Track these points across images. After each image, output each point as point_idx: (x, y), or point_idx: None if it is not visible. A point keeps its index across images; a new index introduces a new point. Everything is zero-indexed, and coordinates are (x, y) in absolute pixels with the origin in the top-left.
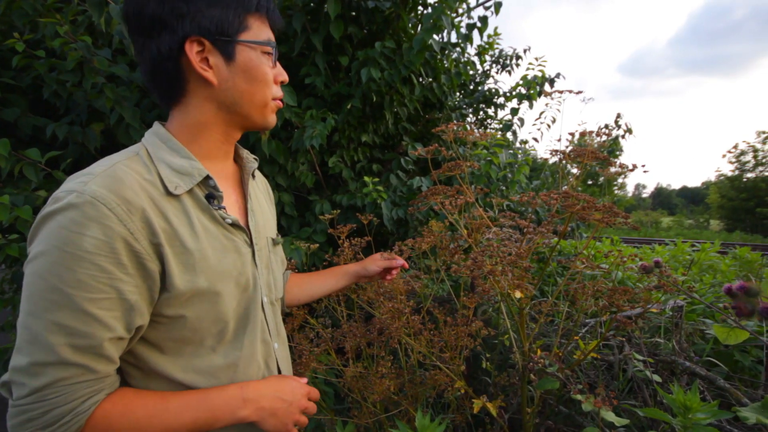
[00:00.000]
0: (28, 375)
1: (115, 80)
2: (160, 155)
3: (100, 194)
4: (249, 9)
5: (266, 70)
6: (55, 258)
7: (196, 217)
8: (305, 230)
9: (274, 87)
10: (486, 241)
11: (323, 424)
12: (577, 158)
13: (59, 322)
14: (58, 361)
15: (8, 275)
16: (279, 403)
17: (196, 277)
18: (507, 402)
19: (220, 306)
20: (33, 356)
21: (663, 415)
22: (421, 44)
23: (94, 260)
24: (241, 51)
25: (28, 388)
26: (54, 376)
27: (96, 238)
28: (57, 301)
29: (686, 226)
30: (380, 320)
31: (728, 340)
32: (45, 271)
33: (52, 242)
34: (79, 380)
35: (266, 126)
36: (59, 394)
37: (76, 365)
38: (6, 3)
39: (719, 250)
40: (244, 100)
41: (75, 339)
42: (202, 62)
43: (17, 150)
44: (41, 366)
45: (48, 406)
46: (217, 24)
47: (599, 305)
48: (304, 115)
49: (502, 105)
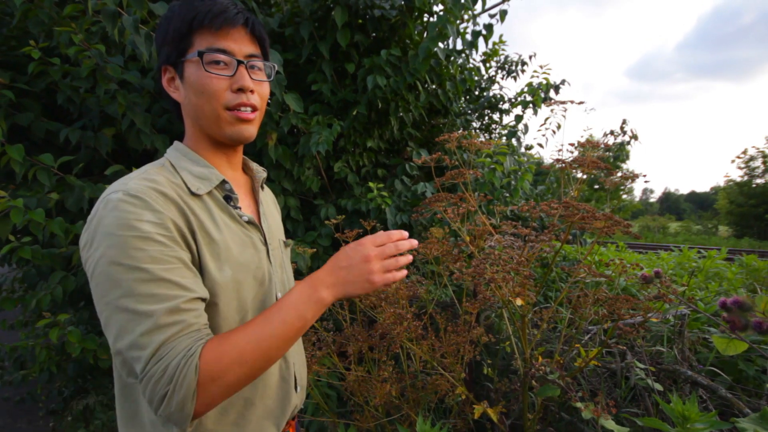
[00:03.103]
0: (139, 347)
1: (126, 86)
2: (183, 164)
3: (141, 189)
4: (192, 27)
5: (205, 82)
6: (126, 244)
7: (218, 214)
8: (311, 234)
9: (227, 95)
10: (488, 249)
11: (326, 426)
12: (578, 167)
13: (147, 293)
14: (159, 325)
15: (19, 275)
16: (344, 273)
17: (223, 265)
18: (508, 408)
19: (242, 294)
20: (138, 329)
21: (661, 425)
22: (427, 52)
23: (157, 238)
24: (187, 68)
25: (144, 358)
26: (160, 338)
27: (151, 222)
28: (140, 278)
29: (694, 231)
30: (383, 325)
31: (728, 351)
32: (120, 257)
33: (118, 233)
34: (181, 335)
35: (230, 138)
36: (169, 349)
37: (174, 324)
38: (22, 12)
39: (726, 258)
40: (197, 113)
41: (165, 303)
42: (169, 85)
43: (31, 154)
44: (147, 335)
45: (164, 362)
46: (170, 49)
47: (601, 313)
48: (311, 121)
49: (507, 111)
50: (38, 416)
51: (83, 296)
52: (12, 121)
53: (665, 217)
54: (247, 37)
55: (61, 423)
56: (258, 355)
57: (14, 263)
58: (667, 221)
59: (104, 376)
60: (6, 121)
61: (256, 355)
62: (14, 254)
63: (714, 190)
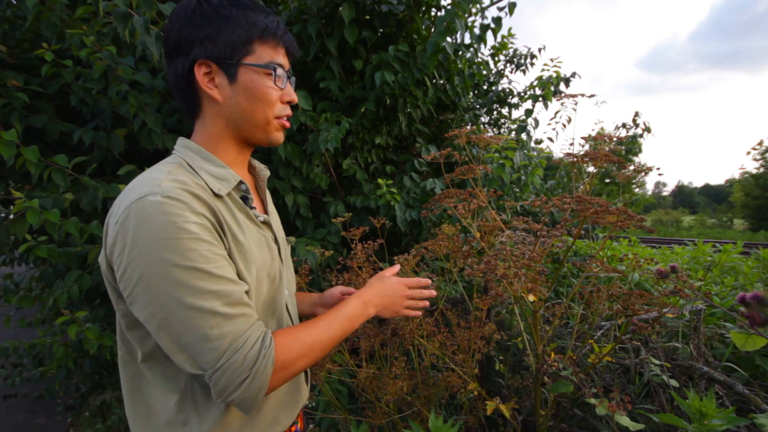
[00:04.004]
0: (210, 339)
1: (137, 87)
2: (199, 165)
3: (176, 192)
4: (254, 36)
5: (266, 90)
6: (179, 246)
7: (239, 215)
8: (320, 231)
9: (279, 106)
10: (499, 244)
11: (337, 423)
12: (590, 161)
13: (209, 290)
14: (226, 318)
15: (36, 273)
16: (387, 300)
17: (249, 266)
18: (520, 404)
19: (259, 293)
20: (206, 323)
21: (678, 421)
22: (435, 47)
23: (204, 237)
24: (243, 72)
25: (219, 350)
26: (231, 330)
27: (195, 222)
28: (199, 277)
29: (709, 225)
30: (394, 321)
31: (746, 347)
32: (175, 259)
33: (166, 236)
34: (249, 325)
35: (270, 142)
36: (244, 340)
37: (239, 315)
38: (35, 14)
39: (742, 251)
40: (246, 116)
41: (226, 298)
42: (209, 82)
43: (45, 155)
44: (217, 327)
45: (243, 351)
46: (222, 49)
47: (614, 309)
48: (319, 119)
49: (516, 105)
50: (56, 412)
51: (99, 294)
52: (26, 123)
53: (679, 211)
54: (285, 51)
55: (79, 418)
56: (319, 352)
57: (31, 262)
58: (680, 215)
59: None
60: (21, 123)
61: (317, 352)
62: (31, 253)
63: (729, 182)
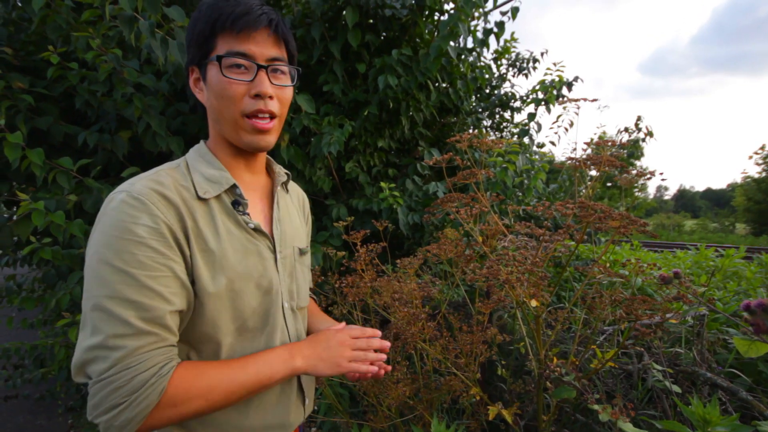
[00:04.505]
0: (108, 348)
1: (142, 90)
2: (197, 166)
3: (144, 191)
4: (216, 28)
5: (225, 86)
6: (117, 246)
7: (221, 221)
8: (322, 234)
9: (246, 101)
10: (501, 249)
11: (339, 426)
12: (593, 166)
13: (129, 298)
14: (134, 331)
15: (38, 275)
16: (321, 352)
17: (216, 274)
18: (522, 409)
19: (238, 303)
20: (110, 330)
21: (682, 428)
22: (438, 51)
23: (149, 243)
24: (209, 70)
25: (111, 360)
26: (132, 345)
27: (147, 226)
28: (124, 281)
29: (711, 229)
30: (396, 325)
31: (749, 353)
32: (110, 257)
33: (113, 233)
34: (154, 347)
35: (246, 146)
36: (140, 360)
37: (149, 333)
38: (41, 17)
39: (744, 256)
40: (217, 117)
41: (144, 312)
42: (196, 86)
43: (50, 157)
44: (119, 338)
45: (133, 372)
46: (194, 50)
47: (617, 314)
48: (322, 122)
49: (518, 109)
50: (57, 413)
51: None
52: (31, 125)
53: (680, 215)
54: (270, 39)
55: (80, 420)
56: (222, 397)
57: (34, 264)
58: (682, 219)
59: None
60: (26, 125)
61: (221, 396)
62: (35, 255)
63: (731, 186)
